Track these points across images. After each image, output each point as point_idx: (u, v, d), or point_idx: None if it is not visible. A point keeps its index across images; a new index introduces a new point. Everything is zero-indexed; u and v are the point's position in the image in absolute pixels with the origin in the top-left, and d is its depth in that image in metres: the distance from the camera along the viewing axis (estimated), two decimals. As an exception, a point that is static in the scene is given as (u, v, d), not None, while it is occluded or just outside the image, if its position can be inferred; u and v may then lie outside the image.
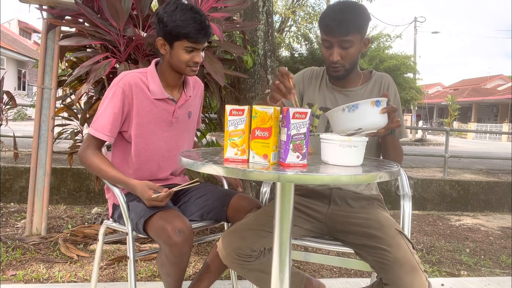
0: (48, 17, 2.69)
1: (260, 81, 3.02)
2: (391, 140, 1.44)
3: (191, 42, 1.46)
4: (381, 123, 1.24)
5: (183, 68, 1.52)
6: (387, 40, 13.42)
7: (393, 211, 3.35)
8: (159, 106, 1.57)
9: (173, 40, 1.47)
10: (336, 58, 1.43)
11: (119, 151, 1.63)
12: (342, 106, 1.22)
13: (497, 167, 7.79)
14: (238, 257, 1.39)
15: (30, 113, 10.09)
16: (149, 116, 1.56)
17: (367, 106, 1.20)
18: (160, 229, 1.39)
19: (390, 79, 1.58)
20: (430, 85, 42.93)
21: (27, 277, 2.17)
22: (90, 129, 1.52)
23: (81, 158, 1.53)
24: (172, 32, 1.45)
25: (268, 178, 1.13)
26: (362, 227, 1.41)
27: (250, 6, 2.98)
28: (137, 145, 1.58)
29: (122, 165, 1.62)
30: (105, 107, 1.50)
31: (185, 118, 1.67)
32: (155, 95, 1.55)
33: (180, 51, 1.48)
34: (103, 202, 3.87)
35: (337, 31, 1.39)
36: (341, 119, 1.23)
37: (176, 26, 1.43)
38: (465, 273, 2.69)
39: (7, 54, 20.10)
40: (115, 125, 1.51)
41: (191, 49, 1.48)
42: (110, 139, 1.53)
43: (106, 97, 1.52)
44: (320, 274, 2.50)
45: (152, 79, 1.55)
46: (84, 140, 1.55)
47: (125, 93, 1.50)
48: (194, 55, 1.50)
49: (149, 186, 1.45)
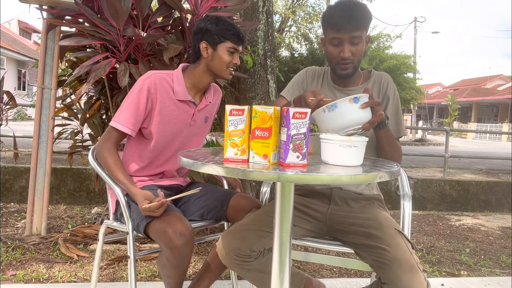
0: (48, 17, 2.69)
1: (260, 81, 3.02)
2: (385, 137, 1.42)
3: (234, 43, 1.58)
4: (364, 119, 1.25)
5: (223, 70, 1.61)
6: (387, 40, 13.45)
7: (393, 211, 3.35)
8: (180, 108, 1.63)
9: (218, 42, 1.57)
10: (347, 55, 1.44)
11: (133, 145, 1.67)
12: (322, 108, 1.25)
13: (497, 167, 7.79)
14: (237, 257, 1.39)
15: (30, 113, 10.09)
16: (170, 116, 1.61)
17: (345, 104, 1.22)
18: (161, 232, 1.39)
19: (389, 78, 1.58)
20: (430, 85, 42.93)
21: (27, 277, 2.17)
22: (113, 122, 1.55)
23: (99, 150, 1.57)
24: (218, 34, 1.56)
25: (268, 178, 1.13)
26: (361, 227, 1.41)
27: (250, 6, 2.98)
28: (156, 142, 1.63)
29: (134, 158, 1.66)
30: (129, 101, 1.55)
31: (202, 122, 1.74)
32: (178, 96, 1.61)
33: (223, 52, 1.58)
34: (103, 202, 3.87)
35: (348, 27, 1.40)
36: (324, 120, 1.26)
37: (222, 29, 1.56)
38: (465, 273, 2.69)
39: (7, 54, 20.10)
40: (138, 120, 1.56)
41: (233, 51, 1.59)
42: (132, 133, 1.57)
43: (131, 92, 1.57)
44: (320, 274, 2.50)
45: (177, 81, 1.62)
46: (105, 132, 1.58)
47: (150, 90, 1.56)
48: (234, 56, 1.61)
49: (145, 197, 1.45)
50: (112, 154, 1.56)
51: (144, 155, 1.66)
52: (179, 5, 2.38)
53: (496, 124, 28.17)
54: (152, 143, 1.63)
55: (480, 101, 31.15)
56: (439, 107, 36.68)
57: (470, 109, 33.83)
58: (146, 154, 1.65)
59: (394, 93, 1.56)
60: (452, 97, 26.61)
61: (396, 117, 1.55)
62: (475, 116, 32.32)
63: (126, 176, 1.53)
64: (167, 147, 1.67)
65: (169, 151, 1.68)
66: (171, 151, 1.69)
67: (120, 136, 1.58)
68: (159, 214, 1.43)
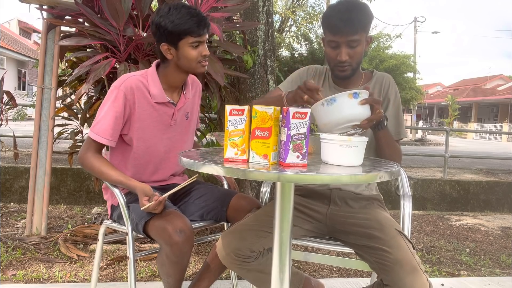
0: (48, 17, 2.69)
1: (260, 81, 3.02)
2: (384, 138, 1.41)
3: (194, 36, 1.46)
4: (362, 115, 1.24)
5: (193, 66, 1.52)
6: (387, 40, 13.45)
7: (393, 211, 3.36)
8: (159, 110, 1.57)
9: (177, 40, 1.47)
10: (344, 58, 1.42)
11: (117, 153, 1.62)
12: (321, 101, 1.23)
13: (497, 167, 7.79)
14: (237, 258, 1.39)
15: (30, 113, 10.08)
16: (149, 119, 1.56)
17: (344, 99, 1.21)
18: (161, 229, 1.39)
19: (391, 79, 1.58)
20: (430, 85, 42.92)
21: (27, 277, 2.17)
22: (90, 132, 1.50)
23: (82, 161, 1.52)
24: (173, 32, 1.45)
25: (268, 178, 1.13)
26: (362, 227, 1.41)
27: (250, 6, 2.98)
28: (137, 147, 1.58)
29: (120, 167, 1.61)
30: (106, 111, 1.49)
31: (182, 120, 1.67)
32: (155, 99, 1.55)
33: (186, 49, 1.48)
34: (103, 202, 3.87)
35: (345, 30, 1.38)
36: (322, 113, 1.24)
37: (175, 25, 1.43)
38: (465, 273, 2.69)
39: (7, 54, 20.09)
40: (116, 130, 1.50)
41: (197, 44, 1.48)
42: (111, 144, 1.52)
43: (107, 100, 1.50)
44: (320, 274, 2.50)
45: (153, 82, 1.55)
46: (84, 143, 1.54)
47: (126, 97, 1.49)
48: (201, 49, 1.50)
49: (145, 192, 1.43)
50: (96, 158, 1.51)
51: (130, 163, 1.60)
52: (179, 5, 2.37)
53: (496, 124, 28.16)
54: (133, 149, 1.58)
55: (480, 101, 31.14)
56: (439, 107, 36.68)
57: (470, 109, 33.82)
58: (131, 162, 1.60)
59: (396, 95, 1.55)
60: (452, 97, 26.61)
61: (397, 119, 1.54)
62: (475, 116, 32.31)
63: (119, 173, 1.50)
64: (152, 152, 1.61)
65: (155, 156, 1.62)
66: (158, 156, 1.63)
67: (99, 146, 1.52)
68: (159, 211, 1.42)
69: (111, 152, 1.65)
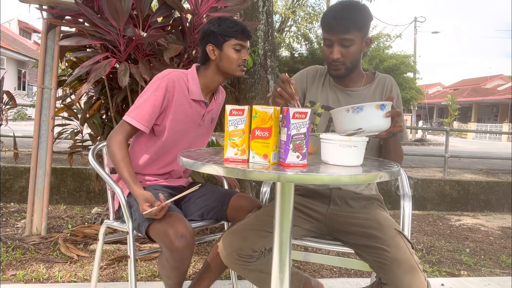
0: (48, 17, 2.68)
1: (260, 81, 3.02)
2: (393, 143, 1.44)
3: (238, 39, 1.58)
4: (384, 127, 1.24)
5: (233, 68, 1.61)
6: (387, 40, 13.45)
7: (393, 211, 3.35)
8: (193, 107, 1.65)
9: (223, 41, 1.58)
10: (336, 56, 1.44)
11: (142, 141, 1.67)
12: (347, 107, 1.22)
13: (497, 167, 7.79)
14: (239, 257, 1.39)
15: (30, 113, 10.09)
16: (183, 114, 1.63)
17: (372, 109, 1.21)
18: (162, 233, 1.40)
19: (393, 81, 1.58)
20: (430, 85, 42.93)
21: (27, 277, 2.17)
22: (126, 116, 1.55)
23: (109, 142, 1.55)
24: (221, 34, 1.58)
25: (268, 178, 1.13)
26: (361, 227, 1.41)
27: (250, 6, 2.98)
28: (167, 139, 1.64)
29: (141, 153, 1.66)
30: (146, 98, 1.55)
31: (208, 122, 1.76)
32: (193, 96, 1.62)
33: (230, 51, 1.59)
34: (103, 202, 3.87)
35: (336, 28, 1.40)
36: (345, 120, 1.23)
37: (224, 29, 1.58)
38: (465, 273, 2.69)
39: (7, 54, 20.10)
40: (152, 118, 1.57)
41: (239, 48, 1.59)
42: (145, 130, 1.57)
43: (149, 89, 1.57)
44: (320, 274, 2.50)
45: (192, 80, 1.63)
46: (119, 125, 1.58)
47: (167, 88, 1.57)
48: (242, 53, 1.61)
49: (146, 199, 1.45)
50: (122, 148, 1.55)
51: (152, 151, 1.66)
52: (179, 5, 2.38)
53: (496, 124, 28.16)
54: (162, 140, 1.64)
55: (480, 101, 31.14)
56: (439, 107, 36.68)
57: (470, 109, 33.82)
58: (154, 150, 1.66)
59: (398, 97, 1.55)
60: (452, 97, 26.61)
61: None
62: (475, 116, 32.31)
63: (131, 173, 1.52)
64: (176, 146, 1.68)
65: (177, 150, 1.68)
66: (178, 149, 1.68)
67: (132, 131, 1.58)
68: (160, 217, 1.43)
69: (135, 139, 1.69)
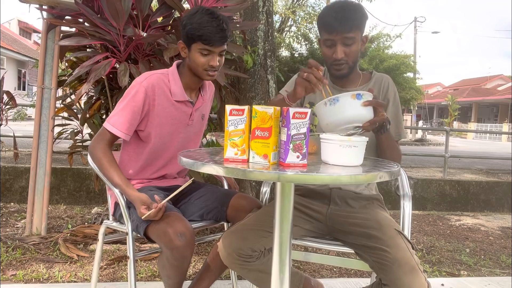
0: (48, 17, 2.69)
1: (260, 81, 3.02)
2: (386, 140, 1.42)
3: (205, 44, 1.46)
4: (365, 117, 1.24)
5: (200, 71, 1.53)
6: (387, 40, 13.43)
7: (393, 211, 3.35)
8: (178, 108, 1.60)
9: (190, 42, 1.49)
10: (340, 56, 1.44)
11: (130, 148, 1.64)
12: (324, 100, 1.24)
13: (497, 167, 7.79)
14: (239, 257, 1.39)
15: (30, 113, 10.07)
16: (168, 117, 1.58)
17: (347, 99, 1.22)
18: (162, 232, 1.39)
19: (389, 80, 1.58)
20: (430, 85, 42.91)
21: (27, 277, 2.17)
22: (106, 124, 1.52)
23: (92, 150, 1.53)
24: (188, 34, 1.47)
25: (268, 178, 1.13)
26: (361, 227, 1.41)
27: (250, 6, 2.98)
28: (154, 144, 1.61)
29: (131, 161, 1.64)
30: (125, 105, 1.51)
31: (199, 120, 1.71)
32: (176, 97, 1.57)
33: (196, 53, 1.49)
34: (103, 202, 3.87)
35: (340, 28, 1.41)
36: (324, 113, 1.25)
37: (192, 28, 1.45)
38: (465, 273, 2.69)
39: (7, 54, 20.09)
40: (132, 124, 1.53)
41: (206, 52, 1.48)
42: (125, 137, 1.53)
43: (127, 94, 1.52)
44: (320, 274, 2.50)
45: (173, 80, 1.57)
46: (98, 133, 1.54)
47: (147, 93, 1.51)
48: (209, 59, 1.49)
49: (142, 201, 1.43)
50: (106, 154, 1.51)
51: (142, 158, 1.63)
52: (179, 5, 2.38)
53: (496, 124, 28.15)
54: (150, 146, 1.60)
55: (480, 101, 31.14)
56: (439, 107, 36.67)
57: (470, 109, 33.81)
58: (144, 157, 1.62)
59: (395, 95, 1.56)
60: (452, 97, 26.60)
61: (396, 120, 1.55)
62: (475, 116, 32.30)
63: (121, 177, 1.50)
64: (166, 149, 1.64)
65: (167, 153, 1.65)
66: (169, 152, 1.66)
67: (113, 138, 1.53)
68: (158, 218, 1.42)
69: (123, 147, 1.66)
